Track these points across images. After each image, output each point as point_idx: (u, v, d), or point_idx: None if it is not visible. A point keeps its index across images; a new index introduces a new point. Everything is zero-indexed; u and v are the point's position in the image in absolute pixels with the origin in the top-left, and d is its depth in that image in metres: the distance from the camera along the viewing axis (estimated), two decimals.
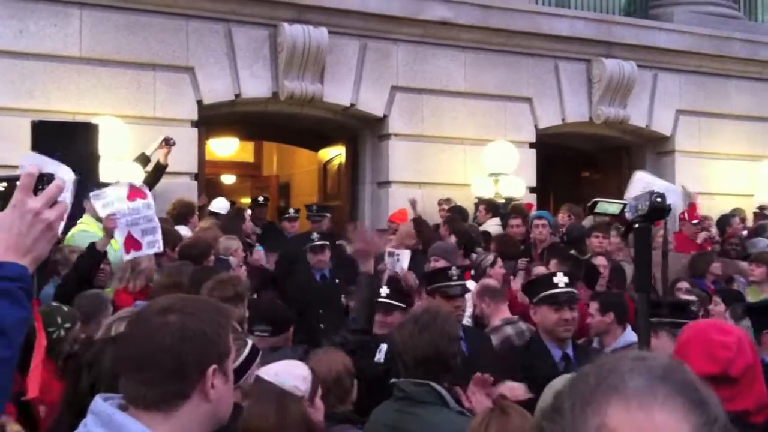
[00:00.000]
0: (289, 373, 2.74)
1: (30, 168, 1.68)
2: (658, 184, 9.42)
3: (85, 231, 6.18)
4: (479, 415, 2.75)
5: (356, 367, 3.69)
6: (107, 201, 5.92)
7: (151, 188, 8.65)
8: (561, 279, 4.58)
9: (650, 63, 11.87)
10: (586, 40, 11.42)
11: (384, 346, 4.17)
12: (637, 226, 2.76)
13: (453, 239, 7.65)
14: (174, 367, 1.74)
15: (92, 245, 5.59)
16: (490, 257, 7.12)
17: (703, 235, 9.51)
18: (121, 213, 5.80)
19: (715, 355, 2.50)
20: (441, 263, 6.92)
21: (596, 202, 3.33)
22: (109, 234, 5.67)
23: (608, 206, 3.28)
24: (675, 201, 9.57)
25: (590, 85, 11.58)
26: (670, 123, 12.14)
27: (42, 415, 4.06)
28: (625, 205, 2.84)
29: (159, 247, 5.92)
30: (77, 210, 6.22)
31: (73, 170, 5.73)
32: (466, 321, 5.90)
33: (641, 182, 8.01)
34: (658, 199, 2.67)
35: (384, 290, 5.28)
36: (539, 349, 4.49)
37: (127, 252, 5.76)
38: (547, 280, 4.72)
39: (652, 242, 3.06)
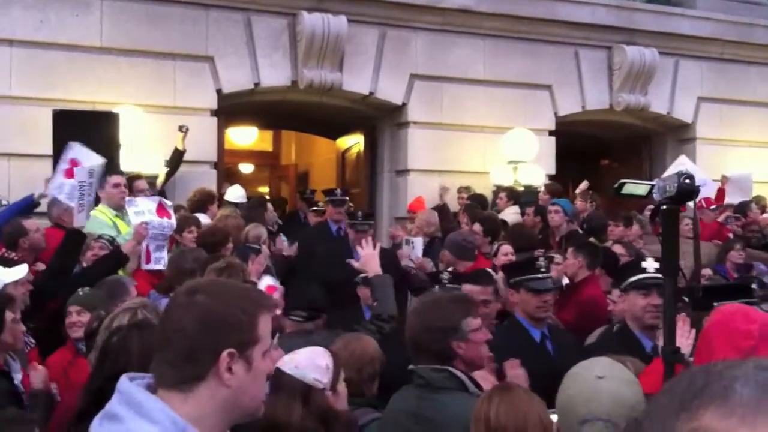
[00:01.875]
0: (311, 365, 2.75)
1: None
2: (698, 175, 9.38)
3: (97, 218, 6.23)
4: (483, 395, 2.76)
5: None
6: (139, 210, 6.11)
7: (172, 175, 8.76)
8: (651, 264, 4.40)
9: (672, 50, 11.76)
10: (607, 27, 11.33)
11: None
12: (664, 207, 2.72)
13: (477, 227, 7.64)
14: (187, 348, 1.75)
15: (118, 248, 5.62)
16: (495, 247, 7.15)
17: (723, 216, 9.50)
18: (151, 225, 5.98)
19: (737, 344, 2.48)
20: (446, 254, 6.94)
21: (623, 183, 3.28)
22: (138, 241, 5.78)
23: (635, 188, 3.23)
24: (708, 193, 9.56)
25: (611, 73, 11.50)
26: (691, 110, 12.04)
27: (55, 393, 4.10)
28: (652, 186, 2.79)
29: (163, 264, 6.05)
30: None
31: None
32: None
33: (682, 167, 7.95)
34: (687, 181, 2.62)
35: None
36: (629, 339, 4.31)
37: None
38: (635, 266, 4.63)
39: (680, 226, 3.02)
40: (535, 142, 10.53)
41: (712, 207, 10.04)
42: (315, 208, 9.96)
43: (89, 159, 5.84)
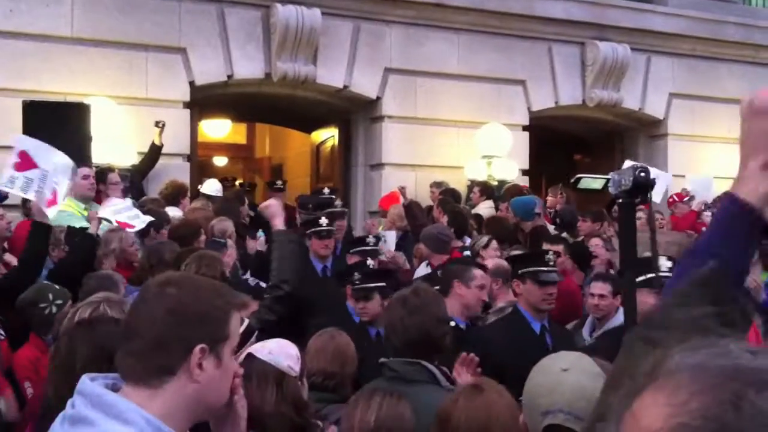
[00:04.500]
0: (283, 353, 2.74)
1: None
2: (650, 170, 9.44)
3: (64, 211, 6.15)
4: (455, 391, 2.78)
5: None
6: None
7: (149, 170, 8.70)
8: (665, 264, 4.45)
9: (644, 46, 11.86)
10: (580, 23, 11.39)
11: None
12: (620, 201, 2.75)
13: (445, 220, 7.64)
14: (159, 340, 1.71)
15: (85, 233, 5.56)
16: (485, 239, 7.12)
17: (697, 203, 9.67)
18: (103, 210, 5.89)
19: None
20: (422, 247, 6.96)
21: (579, 178, 3.32)
22: (94, 219, 5.66)
23: (592, 182, 3.26)
24: (666, 186, 9.66)
25: (584, 68, 11.57)
26: (663, 106, 12.15)
27: (30, 391, 4.07)
28: (608, 180, 2.81)
29: (149, 217, 6.01)
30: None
31: (66, 151, 5.70)
32: None
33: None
34: (642, 174, 2.64)
35: (355, 275, 5.34)
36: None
37: (124, 228, 5.84)
38: (648, 263, 4.63)
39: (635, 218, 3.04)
40: (509, 136, 10.57)
41: (685, 199, 10.19)
42: (275, 185, 9.96)
43: (47, 152, 5.73)
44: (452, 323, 4.53)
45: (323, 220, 6.63)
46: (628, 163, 8.74)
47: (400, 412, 2.77)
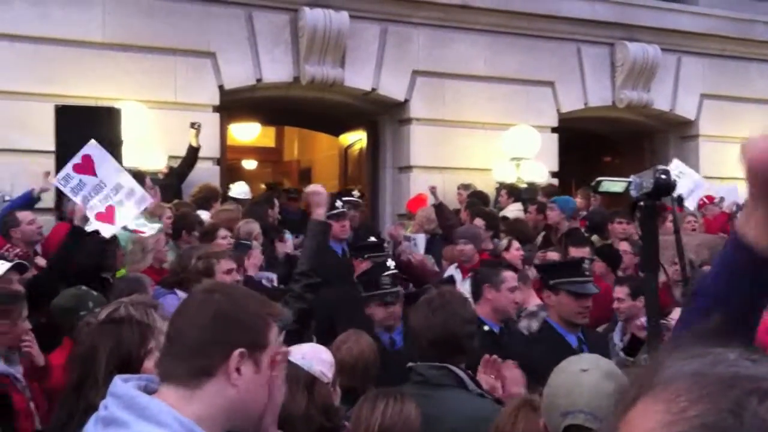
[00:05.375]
0: (317, 358, 2.74)
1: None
2: (693, 177, 9.43)
3: None
4: (508, 407, 2.75)
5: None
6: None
7: (188, 172, 8.76)
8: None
9: (674, 46, 11.75)
10: (608, 23, 11.32)
11: None
12: (642, 204, 2.72)
13: (479, 222, 7.65)
14: (200, 342, 1.74)
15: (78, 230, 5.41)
16: (504, 241, 7.14)
17: (728, 204, 9.56)
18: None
19: None
20: (469, 247, 6.96)
21: (600, 181, 3.29)
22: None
23: (612, 185, 3.23)
24: (702, 195, 9.60)
25: (613, 69, 11.49)
26: (694, 107, 12.03)
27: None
28: (629, 183, 2.78)
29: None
30: None
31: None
32: None
33: (675, 171, 7.95)
34: (663, 176, 2.62)
35: (383, 279, 5.16)
36: None
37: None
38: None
39: (659, 222, 3.02)
40: (538, 138, 10.52)
41: (716, 201, 10.08)
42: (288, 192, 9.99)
43: (114, 169, 5.74)
44: (486, 327, 4.53)
45: (338, 203, 6.89)
46: (675, 163, 8.66)
47: (405, 414, 2.76)
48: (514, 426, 2.58)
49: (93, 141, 5.95)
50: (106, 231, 5.47)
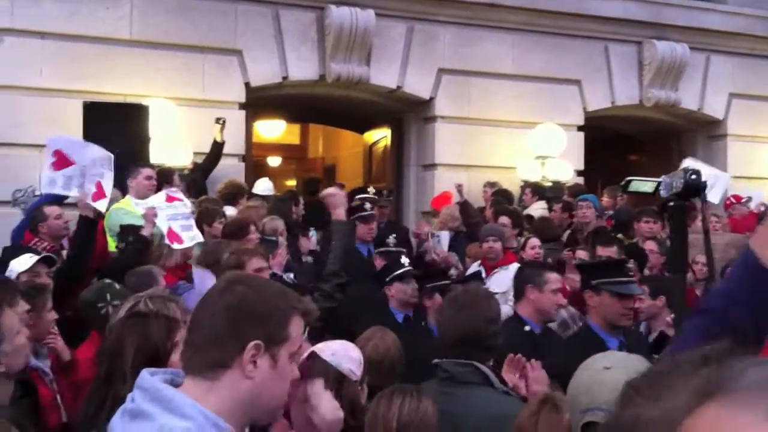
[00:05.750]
0: (347, 356, 2.74)
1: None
2: (707, 171, 9.29)
3: (122, 209, 6.22)
4: (530, 404, 2.75)
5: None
6: (146, 204, 5.90)
7: (213, 167, 8.80)
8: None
9: (702, 45, 11.63)
10: (636, 21, 11.23)
11: None
12: (671, 204, 2.71)
13: (505, 221, 7.65)
14: (217, 333, 1.75)
15: (138, 233, 5.58)
16: (522, 239, 7.16)
17: (756, 204, 9.47)
18: (160, 208, 5.76)
19: None
20: (498, 245, 6.95)
21: (629, 181, 3.28)
22: (150, 221, 5.68)
23: (642, 185, 3.22)
24: (724, 188, 9.47)
25: (641, 68, 11.40)
26: (722, 107, 11.91)
27: None
28: (659, 183, 2.77)
29: (200, 237, 5.92)
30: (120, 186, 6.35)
31: (125, 151, 5.79)
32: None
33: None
34: (693, 176, 2.60)
35: (404, 259, 5.57)
36: None
37: (171, 243, 5.82)
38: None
39: (688, 221, 3.00)
40: (564, 137, 10.47)
41: (743, 200, 9.98)
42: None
43: (82, 147, 5.78)
44: (527, 327, 4.54)
45: (367, 205, 6.97)
46: (687, 162, 8.62)
47: (422, 411, 2.75)
48: (536, 423, 2.58)
49: (50, 136, 5.99)
50: (102, 206, 5.51)
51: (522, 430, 2.61)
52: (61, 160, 5.63)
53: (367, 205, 7.04)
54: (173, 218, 5.79)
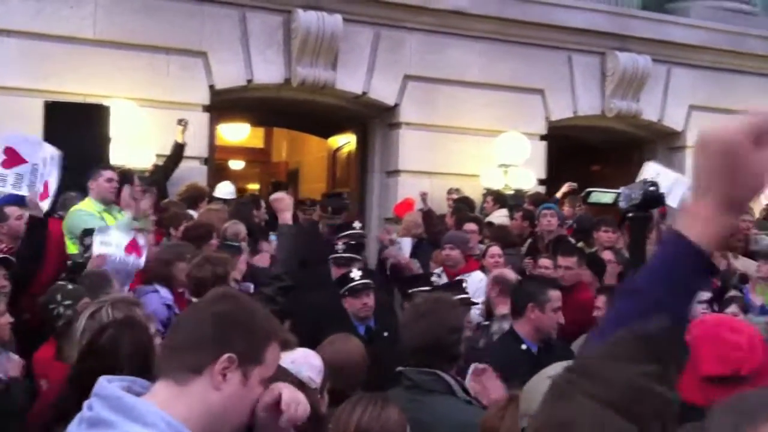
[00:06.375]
0: (306, 363, 2.73)
1: None
2: (668, 175, 9.44)
3: (82, 210, 6.12)
4: (497, 404, 2.76)
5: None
6: (107, 241, 5.50)
7: (174, 168, 8.72)
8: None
9: (664, 57, 11.80)
10: (600, 32, 11.36)
11: None
12: (630, 215, 2.74)
13: (472, 227, 7.72)
14: (196, 338, 1.76)
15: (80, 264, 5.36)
16: (482, 248, 7.21)
17: None
18: (112, 259, 5.41)
19: (726, 356, 2.48)
20: (455, 252, 6.99)
21: (590, 192, 3.33)
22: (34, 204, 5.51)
23: (602, 196, 3.26)
24: (684, 191, 9.57)
25: (603, 78, 11.53)
26: (682, 118, 12.08)
27: (44, 389, 4.09)
28: (618, 194, 2.80)
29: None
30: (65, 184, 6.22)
31: (86, 152, 5.73)
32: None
33: (651, 173, 7.99)
34: (651, 188, 2.65)
35: (355, 273, 5.45)
36: None
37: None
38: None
39: (648, 231, 3.04)
40: (527, 146, 10.55)
41: None
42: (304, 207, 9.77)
43: (35, 145, 5.69)
44: (523, 346, 4.49)
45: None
46: (648, 165, 8.71)
47: (384, 419, 2.74)
48: (501, 421, 2.59)
49: (4, 133, 5.90)
50: (44, 205, 5.44)
51: (488, 425, 2.62)
52: (12, 158, 5.55)
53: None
54: (116, 272, 5.26)
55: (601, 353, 1.18)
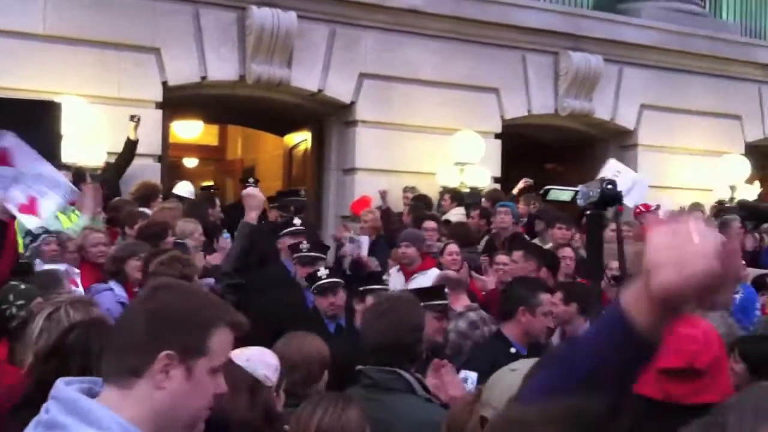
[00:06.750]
0: (261, 361, 2.71)
1: None
2: (629, 174, 9.58)
3: None
4: (466, 398, 2.76)
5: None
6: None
7: (126, 166, 8.61)
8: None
9: (616, 57, 11.96)
10: (554, 32, 11.47)
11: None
12: (588, 213, 2.77)
13: (431, 225, 7.74)
14: (133, 340, 1.71)
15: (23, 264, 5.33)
16: (440, 245, 7.24)
17: (664, 212, 9.71)
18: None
19: (681, 348, 2.52)
20: (411, 250, 6.99)
21: (548, 190, 3.36)
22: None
23: (560, 193, 3.29)
24: (642, 192, 9.73)
25: (557, 78, 11.65)
26: (633, 117, 12.26)
27: None
28: (576, 192, 2.83)
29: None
30: None
31: (37, 149, 5.59)
32: None
33: (612, 170, 8.09)
34: (609, 186, 2.67)
35: (322, 272, 5.40)
36: None
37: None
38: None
39: (604, 229, 3.07)
40: (482, 144, 10.61)
41: (652, 209, 10.26)
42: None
43: (35, 162, 5.58)
44: (512, 350, 4.41)
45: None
46: (610, 163, 8.81)
47: (345, 420, 2.72)
48: (470, 415, 2.59)
49: (9, 133, 5.78)
50: (31, 223, 5.33)
51: (456, 420, 2.62)
52: (1, 158, 5.41)
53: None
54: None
55: (527, 418, 1.12)
